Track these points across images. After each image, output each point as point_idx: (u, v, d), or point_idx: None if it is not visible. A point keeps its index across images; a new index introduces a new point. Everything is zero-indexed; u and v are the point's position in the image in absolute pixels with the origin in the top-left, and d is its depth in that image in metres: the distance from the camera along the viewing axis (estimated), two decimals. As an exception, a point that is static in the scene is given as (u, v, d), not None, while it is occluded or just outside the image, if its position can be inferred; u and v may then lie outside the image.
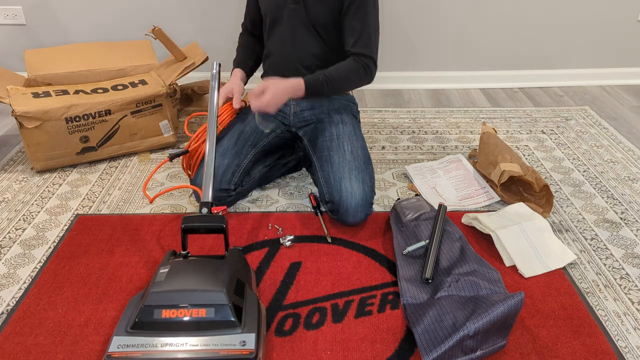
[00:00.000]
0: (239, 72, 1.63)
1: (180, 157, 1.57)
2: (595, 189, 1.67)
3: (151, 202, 1.54)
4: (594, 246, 1.42)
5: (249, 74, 1.67)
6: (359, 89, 2.49)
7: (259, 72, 1.72)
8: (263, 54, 1.67)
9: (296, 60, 1.56)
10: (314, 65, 1.55)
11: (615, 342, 1.13)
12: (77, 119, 1.70)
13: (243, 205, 1.59)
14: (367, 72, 1.50)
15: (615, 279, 1.30)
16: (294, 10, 1.49)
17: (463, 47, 2.44)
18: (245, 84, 1.65)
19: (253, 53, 1.68)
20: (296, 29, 1.52)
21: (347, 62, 1.49)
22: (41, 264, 1.35)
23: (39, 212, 1.56)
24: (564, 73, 2.52)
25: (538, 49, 2.45)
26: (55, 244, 1.42)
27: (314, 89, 1.45)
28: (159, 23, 2.34)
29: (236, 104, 1.55)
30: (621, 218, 1.53)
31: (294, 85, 1.43)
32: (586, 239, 1.44)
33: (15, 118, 1.63)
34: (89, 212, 1.55)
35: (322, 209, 1.56)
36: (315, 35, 1.52)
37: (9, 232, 1.47)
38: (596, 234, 1.46)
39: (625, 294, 1.26)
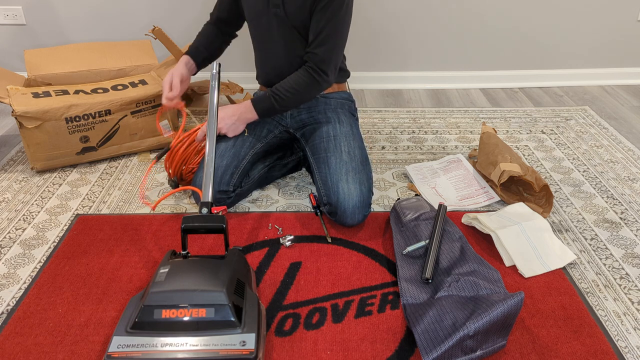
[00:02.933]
0: (186, 59, 1.62)
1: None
2: (595, 189, 1.67)
3: (154, 209, 1.53)
4: (593, 246, 1.42)
5: (199, 64, 1.66)
6: (358, 88, 2.50)
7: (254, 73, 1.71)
8: (256, 67, 1.67)
9: (286, 63, 1.55)
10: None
11: (615, 342, 1.13)
12: (77, 119, 1.70)
13: (243, 205, 1.59)
14: (317, 82, 1.47)
15: (615, 279, 1.30)
16: (275, 14, 1.48)
17: (463, 47, 2.44)
18: (194, 74, 1.66)
19: (210, 44, 1.67)
20: (280, 32, 1.51)
21: (296, 74, 1.48)
22: (41, 264, 1.35)
23: (39, 212, 1.56)
24: (564, 73, 2.52)
25: (538, 49, 2.45)
26: (55, 244, 1.42)
27: (263, 108, 1.49)
28: (159, 23, 2.34)
29: (175, 89, 1.54)
30: (621, 218, 1.53)
31: (242, 108, 1.49)
32: (586, 239, 1.44)
33: (15, 118, 1.63)
34: (89, 212, 1.55)
35: (322, 209, 1.56)
36: (299, 37, 1.50)
37: (9, 232, 1.47)
38: (596, 234, 1.46)
39: (625, 294, 1.26)
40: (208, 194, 1.26)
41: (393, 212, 1.49)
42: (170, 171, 1.56)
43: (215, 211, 1.26)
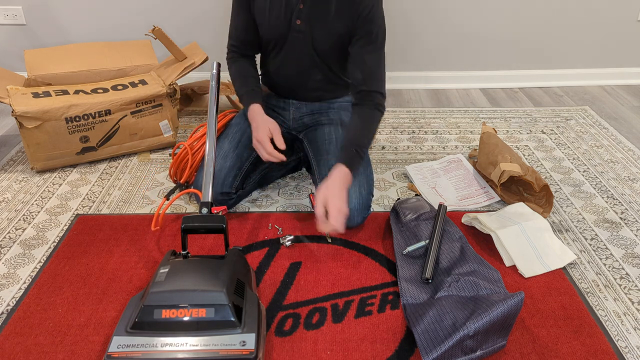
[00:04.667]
0: (260, 109, 1.49)
1: (172, 159, 1.60)
2: (595, 189, 1.67)
3: (160, 226, 1.49)
4: (594, 246, 1.42)
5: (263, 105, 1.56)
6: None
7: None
8: (261, 73, 1.63)
9: (299, 84, 1.56)
10: (318, 89, 1.55)
11: (615, 342, 1.13)
12: (77, 119, 1.70)
13: (243, 205, 1.59)
14: (381, 112, 1.46)
15: (615, 279, 1.30)
16: (298, 37, 1.46)
17: (463, 47, 2.44)
18: None
19: (256, 80, 1.59)
20: (299, 54, 1.49)
21: (364, 114, 1.42)
22: (41, 264, 1.35)
23: (39, 212, 1.56)
24: (564, 73, 2.52)
25: (538, 49, 2.45)
26: (55, 244, 1.42)
27: (357, 167, 1.39)
28: (159, 23, 2.34)
29: (281, 144, 1.42)
30: (621, 218, 1.53)
31: (344, 179, 1.33)
32: (586, 239, 1.44)
33: (15, 118, 1.63)
34: (89, 212, 1.55)
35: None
36: (319, 61, 1.49)
37: (9, 232, 1.47)
38: (596, 234, 1.46)
39: (625, 294, 1.26)
40: (208, 194, 1.27)
41: (393, 212, 1.49)
42: (183, 176, 1.58)
43: (215, 211, 1.26)
